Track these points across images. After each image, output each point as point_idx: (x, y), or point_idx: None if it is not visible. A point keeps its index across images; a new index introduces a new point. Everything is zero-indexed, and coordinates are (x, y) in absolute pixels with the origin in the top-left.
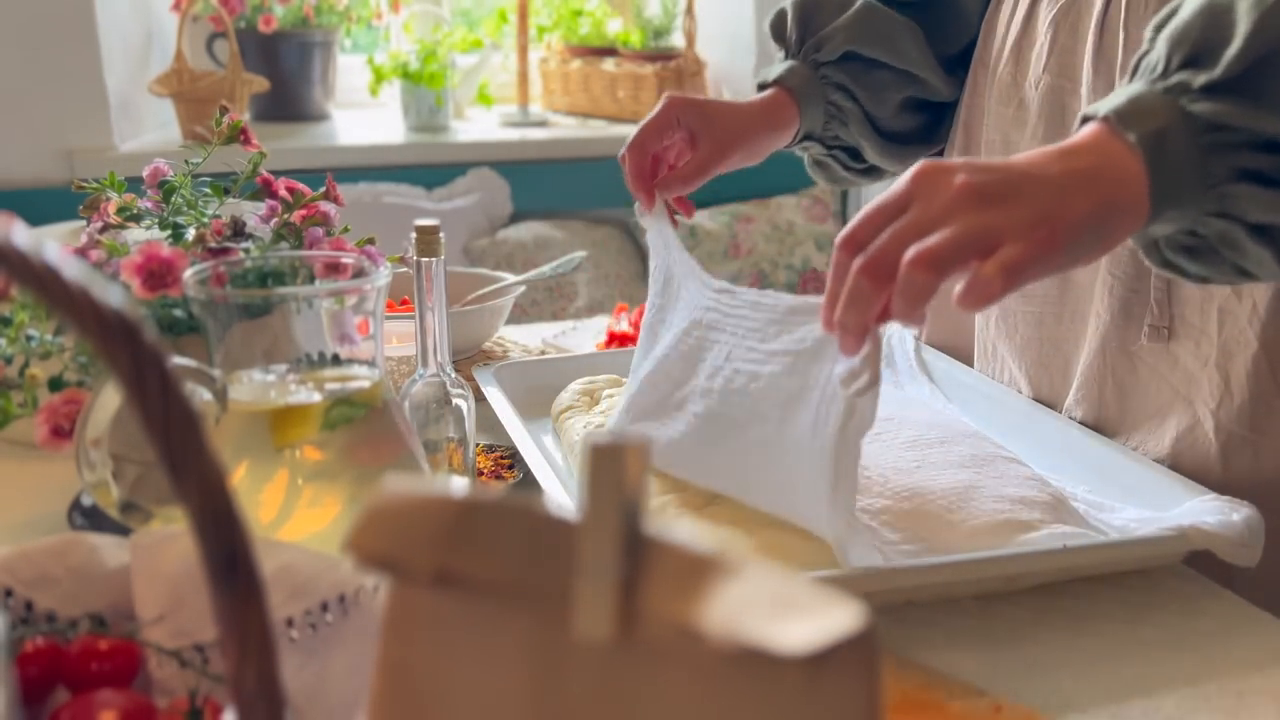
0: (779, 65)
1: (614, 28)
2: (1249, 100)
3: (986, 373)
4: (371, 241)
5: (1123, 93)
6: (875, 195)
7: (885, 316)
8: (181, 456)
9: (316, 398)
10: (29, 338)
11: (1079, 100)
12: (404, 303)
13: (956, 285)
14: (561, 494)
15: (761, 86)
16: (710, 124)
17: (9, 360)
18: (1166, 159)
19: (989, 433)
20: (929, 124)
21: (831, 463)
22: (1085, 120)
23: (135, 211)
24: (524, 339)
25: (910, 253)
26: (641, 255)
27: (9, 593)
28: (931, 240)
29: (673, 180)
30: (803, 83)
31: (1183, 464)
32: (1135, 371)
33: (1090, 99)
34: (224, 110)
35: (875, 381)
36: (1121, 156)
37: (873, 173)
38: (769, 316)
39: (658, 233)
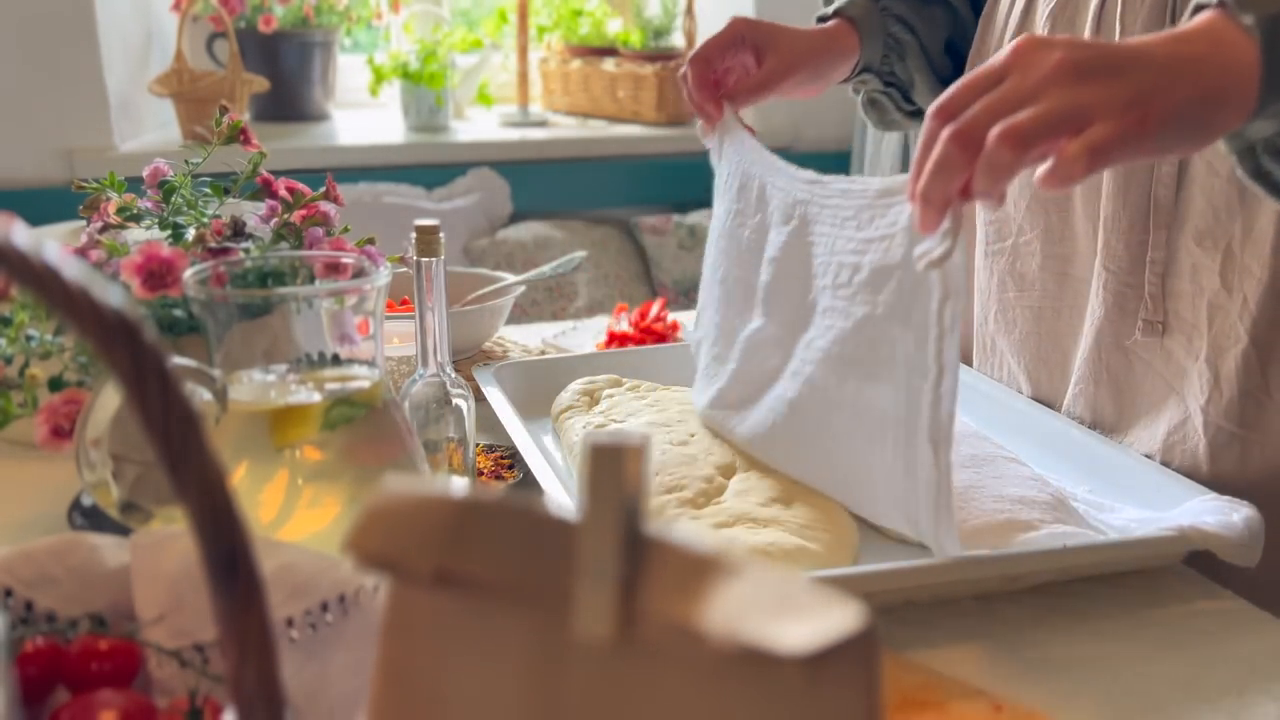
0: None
1: (614, 28)
2: None
3: (985, 369)
4: (371, 241)
5: None
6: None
7: (967, 193)
8: (181, 456)
9: (316, 398)
10: (29, 338)
11: None
12: (404, 303)
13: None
14: (561, 494)
15: (821, 20)
16: (777, 40)
17: (9, 360)
18: None
19: (989, 433)
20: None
21: (933, 352)
22: (1199, 9)
23: (135, 211)
24: (524, 339)
25: (997, 128)
26: (641, 255)
27: (9, 593)
28: (1020, 116)
29: (739, 91)
30: (864, 13)
31: (1173, 460)
32: (1131, 367)
33: None
34: (224, 110)
35: (950, 254)
36: (1234, 44)
37: (921, 116)
38: (860, 203)
39: (731, 141)
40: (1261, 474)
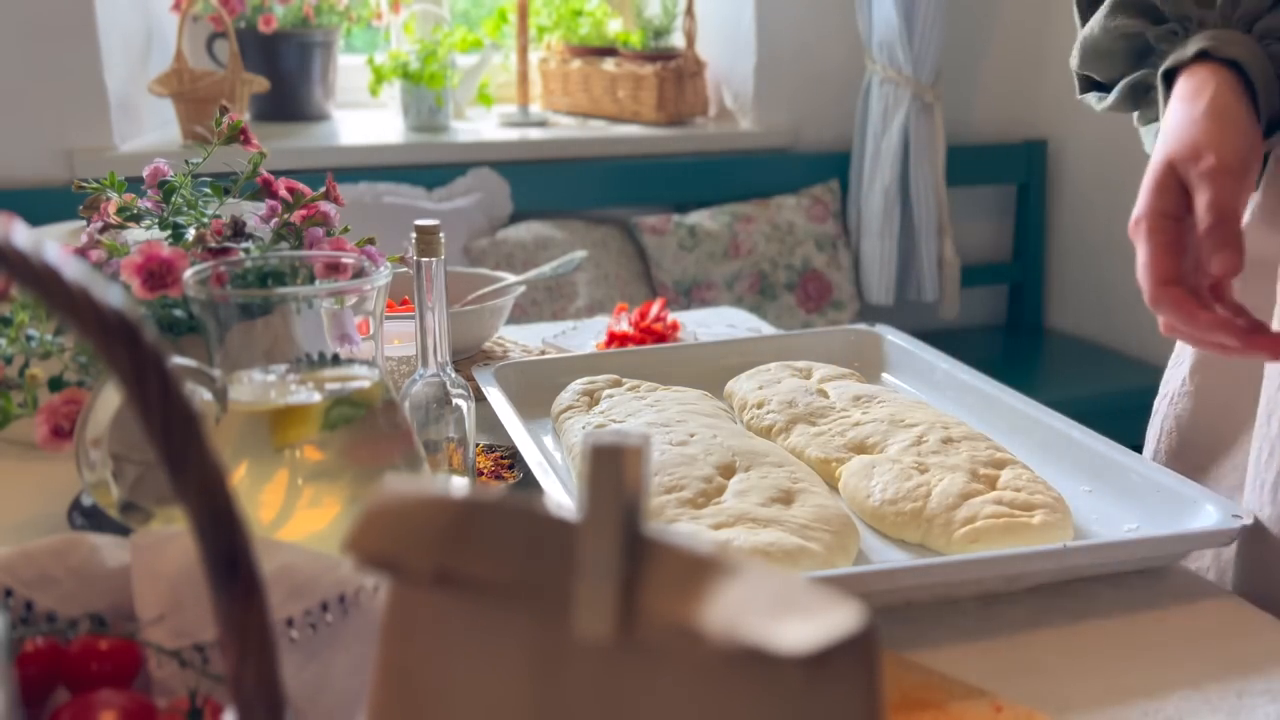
0: (1193, 40)
1: (614, 28)
2: None
3: None
4: (371, 241)
5: None
6: (867, 198)
7: None
8: (181, 456)
9: (316, 398)
10: (29, 338)
11: None
12: (404, 303)
13: None
14: (561, 494)
15: (1167, 77)
16: (1205, 186)
17: (9, 360)
18: None
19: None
20: None
21: None
22: None
23: (135, 211)
24: (524, 339)
25: None
26: (642, 255)
27: (9, 593)
28: None
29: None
30: (1246, 50)
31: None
32: None
33: None
34: (224, 110)
35: None
36: None
37: None
38: None
39: None
40: None
